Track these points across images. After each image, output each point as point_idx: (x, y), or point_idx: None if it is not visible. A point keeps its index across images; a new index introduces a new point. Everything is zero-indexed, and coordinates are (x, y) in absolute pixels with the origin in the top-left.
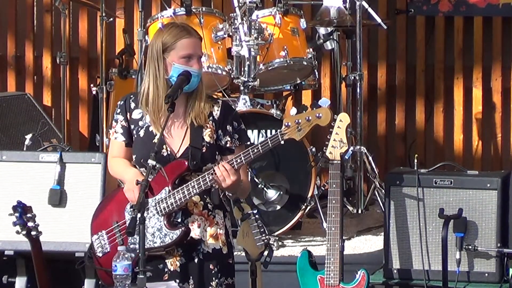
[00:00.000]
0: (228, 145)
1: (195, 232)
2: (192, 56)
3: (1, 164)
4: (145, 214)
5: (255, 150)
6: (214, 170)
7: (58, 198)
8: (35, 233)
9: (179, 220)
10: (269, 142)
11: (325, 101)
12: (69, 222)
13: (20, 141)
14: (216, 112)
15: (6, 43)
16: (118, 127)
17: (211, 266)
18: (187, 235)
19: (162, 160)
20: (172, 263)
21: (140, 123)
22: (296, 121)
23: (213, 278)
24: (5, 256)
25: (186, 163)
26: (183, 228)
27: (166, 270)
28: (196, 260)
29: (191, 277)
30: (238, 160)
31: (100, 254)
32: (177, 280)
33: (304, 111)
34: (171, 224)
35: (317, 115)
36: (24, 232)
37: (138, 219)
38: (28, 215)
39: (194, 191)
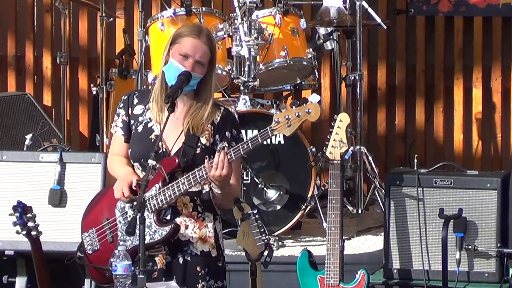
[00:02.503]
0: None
1: (183, 233)
2: (189, 57)
3: (1, 164)
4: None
5: (245, 146)
6: (209, 159)
7: (58, 198)
8: (35, 233)
9: (168, 217)
10: (259, 137)
11: (314, 97)
12: (69, 222)
13: (20, 141)
14: (217, 117)
15: (6, 43)
16: (119, 121)
17: (198, 268)
18: (177, 232)
19: (157, 156)
20: (159, 261)
21: (140, 118)
22: (286, 116)
23: (199, 281)
24: (5, 256)
25: (177, 160)
26: (172, 225)
27: (155, 268)
28: (181, 261)
29: (174, 277)
30: (228, 156)
31: (90, 252)
32: (163, 278)
33: (294, 107)
34: (160, 221)
35: (307, 110)
36: (24, 232)
37: (138, 218)
38: (28, 215)
39: (184, 187)
